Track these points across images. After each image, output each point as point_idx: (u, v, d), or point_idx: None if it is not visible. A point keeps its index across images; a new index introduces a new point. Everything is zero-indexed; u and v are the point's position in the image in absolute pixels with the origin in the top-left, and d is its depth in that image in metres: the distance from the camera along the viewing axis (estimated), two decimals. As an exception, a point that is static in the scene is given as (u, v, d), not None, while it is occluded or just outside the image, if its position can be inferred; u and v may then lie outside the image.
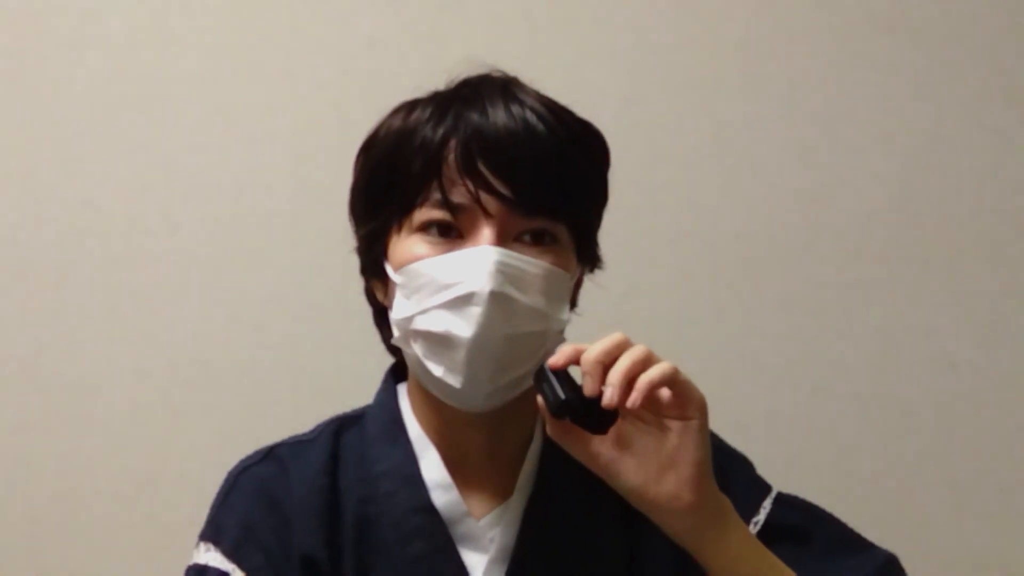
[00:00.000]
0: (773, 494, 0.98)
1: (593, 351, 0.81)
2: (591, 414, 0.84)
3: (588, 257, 0.96)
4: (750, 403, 1.43)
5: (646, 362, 0.81)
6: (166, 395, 1.39)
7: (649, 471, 0.83)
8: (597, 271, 0.99)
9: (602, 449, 0.84)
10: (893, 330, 1.45)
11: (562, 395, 0.81)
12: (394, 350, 0.99)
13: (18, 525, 1.38)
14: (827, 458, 1.43)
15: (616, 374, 0.80)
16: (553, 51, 1.40)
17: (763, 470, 1.02)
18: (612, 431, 0.84)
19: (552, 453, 0.94)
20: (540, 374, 0.84)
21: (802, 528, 0.95)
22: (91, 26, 1.39)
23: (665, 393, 0.82)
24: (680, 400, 0.82)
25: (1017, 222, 1.46)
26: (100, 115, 1.39)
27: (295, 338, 1.40)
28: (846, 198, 1.45)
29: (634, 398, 0.79)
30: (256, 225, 1.40)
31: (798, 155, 1.45)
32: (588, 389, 0.80)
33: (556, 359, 0.83)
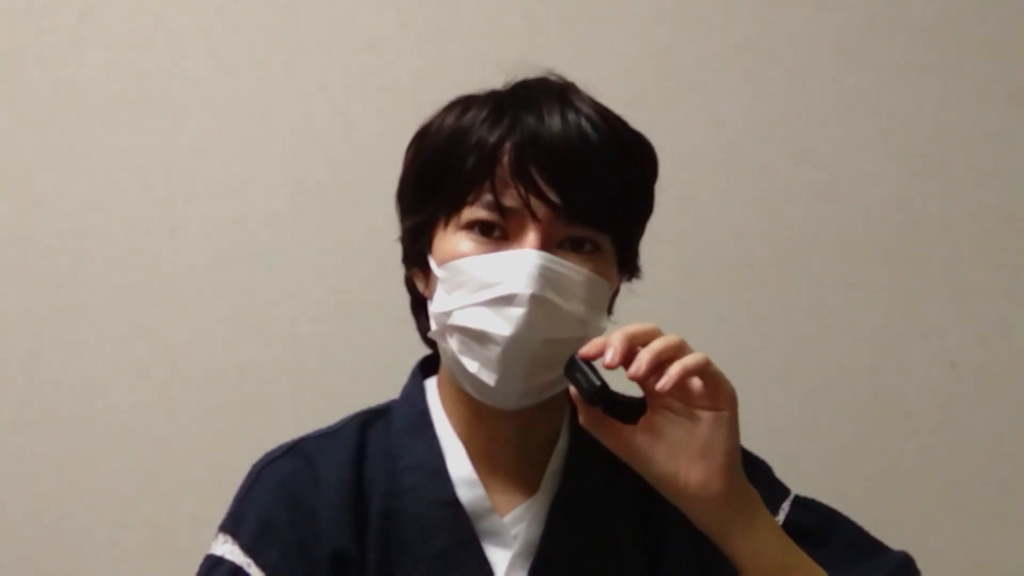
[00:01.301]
0: (791, 497, 1.00)
1: (625, 328, 0.83)
2: (622, 404, 0.85)
3: (628, 267, 0.97)
4: (750, 403, 1.41)
5: (679, 349, 0.83)
6: (166, 395, 1.39)
7: (680, 460, 0.84)
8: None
9: (634, 438, 0.86)
10: (893, 330, 1.45)
11: (597, 381, 0.83)
12: (430, 342, 0.99)
13: (18, 525, 1.38)
14: (827, 458, 1.43)
15: (646, 352, 0.81)
16: (553, 51, 1.40)
17: (763, 470, 1.02)
18: (643, 421, 0.86)
19: (578, 452, 0.96)
20: (571, 364, 0.85)
21: (820, 530, 0.96)
22: (91, 26, 1.39)
23: (696, 383, 0.84)
24: (712, 391, 0.84)
25: (1017, 222, 1.46)
26: (100, 115, 1.39)
27: (295, 338, 1.40)
28: (846, 198, 1.45)
29: (665, 382, 0.81)
30: (256, 225, 1.40)
31: (798, 155, 1.45)
32: (608, 359, 0.81)
33: (587, 349, 0.84)
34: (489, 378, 0.87)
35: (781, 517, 0.96)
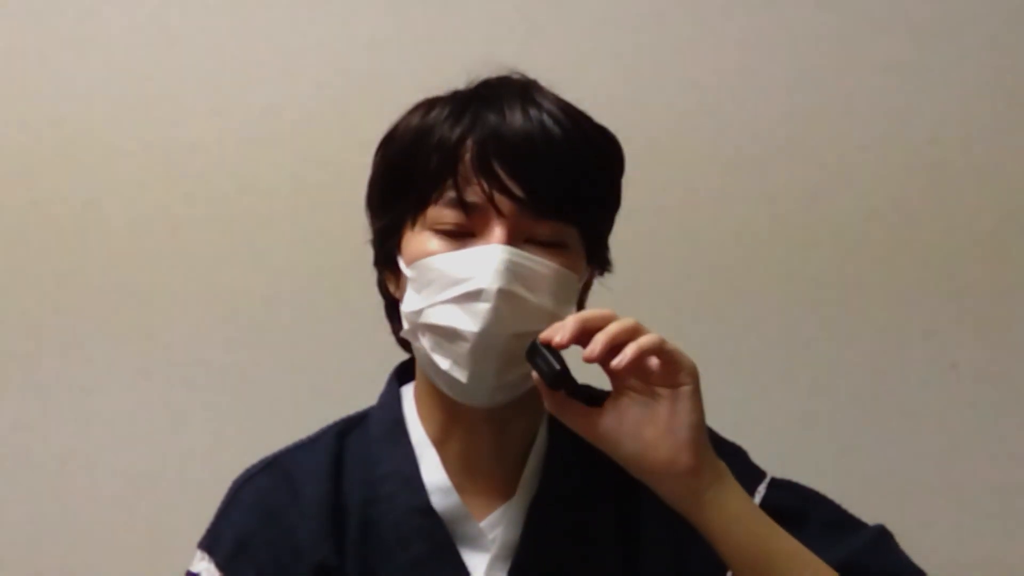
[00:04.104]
0: (767, 479, 1.00)
1: (580, 312, 0.84)
2: (585, 388, 0.86)
3: (598, 260, 0.97)
4: (750, 403, 1.43)
5: (634, 331, 0.83)
6: (166, 395, 1.40)
7: (646, 438, 0.84)
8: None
9: (600, 420, 0.86)
10: (893, 330, 1.45)
11: (557, 365, 0.83)
12: (404, 344, 1.00)
13: (18, 525, 1.38)
14: (827, 458, 1.43)
15: (601, 334, 0.82)
16: (553, 51, 1.41)
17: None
18: (608, 403, 0.86)
19: (556, 452, 0.96)
20: (533, 349, 0.85)
21: (797, 510, 0.96)
22: (91, 26, 1.39)
23: (654, 362, 0.84)
24: (669, 368, 0.84)
25: (1017, 222, 1.46)
26: (100, 115, 1.39)
27: (295, 338, 1.40)
28: (846, 198, 1.45)
29: (620, 359, 0.81)
30: (256, 225, 1.40)
31: (798, 155, 1.45)
32: (557, 340, 0.82)
33: (547, 333, 0.84)
34: (461, 375, 0.87)
35: (758, 499, 0.96)
